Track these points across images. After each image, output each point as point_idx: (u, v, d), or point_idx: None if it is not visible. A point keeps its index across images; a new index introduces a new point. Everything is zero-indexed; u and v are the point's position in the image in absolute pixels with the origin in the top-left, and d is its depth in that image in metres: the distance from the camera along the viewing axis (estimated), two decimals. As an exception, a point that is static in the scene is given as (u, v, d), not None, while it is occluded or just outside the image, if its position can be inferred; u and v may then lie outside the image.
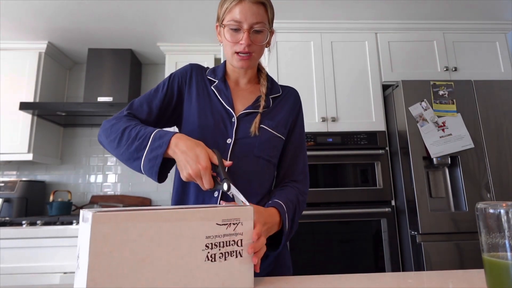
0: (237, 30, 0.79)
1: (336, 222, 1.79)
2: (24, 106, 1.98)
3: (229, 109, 0.84)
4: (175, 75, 0.90)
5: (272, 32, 0.89)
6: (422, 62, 2.08)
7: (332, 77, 2.01)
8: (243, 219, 0.55)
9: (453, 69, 2.05)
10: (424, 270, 1.59)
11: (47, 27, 2.08)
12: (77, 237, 1.64)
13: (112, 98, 2.24)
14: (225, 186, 0.63)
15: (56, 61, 2.42)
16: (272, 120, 0.86)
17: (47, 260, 1.61)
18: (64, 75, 2.55)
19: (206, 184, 0.64)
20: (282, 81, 1.98)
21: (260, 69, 0.95)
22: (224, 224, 0.53)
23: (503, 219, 0.41)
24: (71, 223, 1.73)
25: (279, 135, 0.87)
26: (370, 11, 2.02)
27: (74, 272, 1.61)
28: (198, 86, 0.88)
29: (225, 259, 0.52)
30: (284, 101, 0.92)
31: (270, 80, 0.94)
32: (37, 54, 2.22)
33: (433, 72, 2.06)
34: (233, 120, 0.83)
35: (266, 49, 0.91)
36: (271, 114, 0.87)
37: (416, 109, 1.79)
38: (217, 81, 0.89)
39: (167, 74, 2.26)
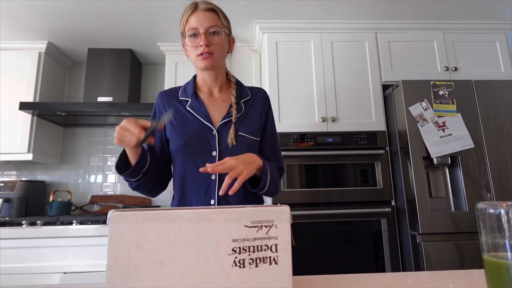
0: (195, 35, 0.90)
1: (336, 222, 1.79)
2: (24, 106, 1.98)
3: (208, 124, 0.92)
4: (152, 115, 1.01)
5: (233, 39, 1.00)
6: (422, 62, 2.08)
7: (332, 77, 2.01)
8: (278, 221, 0.48)
9: (453, 69, 2.05)
10: (424, 270, 1.59)
11: (47, 27, 2.08)
12: (77, 237, 1.64)
13: (112, 98, 2.24)
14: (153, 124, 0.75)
15: (56, 61, 2.41)
16: (247, 126, 0.94)
17: (47, 260, 1.61)
18: (64, 75, 2.55)
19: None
20: (282, 81, 1.98)
21: (229, 78, 1.03)
22: (254, 227, 0.47)
23: (503, 219, 0.41)
24: (71, 223, 1.73)
25: (256, 138, 0.96)
26: (370, 11, 2.02)
27: (73, 272, 1.61)
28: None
29: (256, 266, 0.46)
30: (255, 104, 1.00)
31: (239, 85, 1.02)
32: (37, 54, 2.22)
33: (433, 72, 2.06)
34: (213, 133, 0.92)
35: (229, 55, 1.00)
36: (246, 119, 0.96)
37: (416, 109, 1.79)
38: (189, 99, 0.97)
39: (167, 74, 2.26)
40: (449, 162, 1.72)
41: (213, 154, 0.90)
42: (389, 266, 1.75)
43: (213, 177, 0.89)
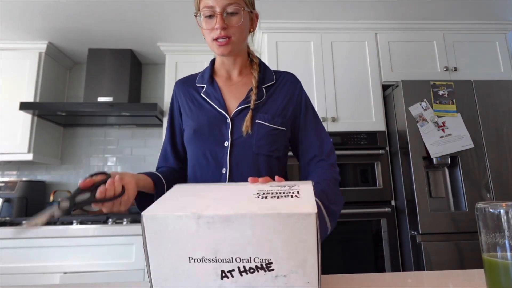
0: (211, 16, 0.77)
1: (336, 222, 1.78)
2: (24, 106, 1.98)
3: (222, 111, 0.82)
4: (170, 107, 0.93)
5: (256, 15, 0.86)
6: (422, 62, 2.08)
7: (332, 77, 2.01)
8: (301, 183, 0.52)
9: (453, 69, 2.05)
10: (424, 270, 1.59)
11: (47, 27, 2.08)
12: (77, 237, 1.65)
13: (112, 98, 2.24)
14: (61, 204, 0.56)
15: (56, 61, 2.41)
16: (267, 113, 0.82)
17: (47, 260, 1.61)
18: (64, 75, 2.55)
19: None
20: (282, 81, 1.98)
21: (252, 59, 0.91)
22: (279, 186, 0.51)
23: (503, 219, 0.41)
24: (71, 223, 1.73)
25: (278, 127, 0.82)
26: (370, 11, 2.02)
27: (73, 272, 1.61)
28: (187, 99, 0.88)
29: (278, 198, 0.47)
30: (279, 89, 0.87)
31: (263, 68, 0.89)
32: (37, 54, 2.22)
33: (433, 72, 2.06)
34: (227, 121, 0.81)
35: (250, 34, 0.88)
36: (266, 105, 0.84)
37: (416, 109, 1.79)
38: (205, 85, 0.87)
39: (167, 74, 2.26)
40: (449, 162, 1.72)
41: (225, 144, 0.80)
42: (389, 266, 1.75)
43: (223, 170, 0.80)
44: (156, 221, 0.42)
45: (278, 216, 0.40)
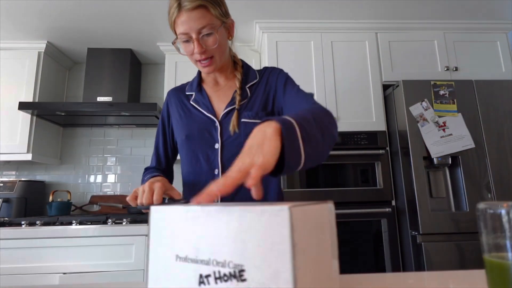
0: (188, 41, 0.80)
1: (337, 222, 1.78)
2: (23, 106, 1.98)
3: (210, 116, 0.87)
4: (161, 114, 0.99)
5: (231, 24, 0.86)
6: (422, 62, 2.08)
7: (332, 77, 2.01)
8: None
9: (454, 69, 2.05)
10: (424, 271, 1.58)
11: (46, 27, 2.07)
12: (76, 237, 1.64)
13: (111, 98, 2.24)
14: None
15: (56, 61, 2.41)
16: (252, 110, 0.85)
17: (46, 261, 1.61)
18: (64, 75, 2.54)
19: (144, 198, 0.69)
20: (282, 81, 1.98)
21: (236, 61, 0.94)
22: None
23: (504, 220, 0.40)
24: (70, 223, 1.72)
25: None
26: (370, 11, 2.02)
27: (73, 273, 1.60)
28: (177, 107, 0.94)
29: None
30: (261, 85, 0.90)
31: (246, 69, 0.93)
32: (37, 54, 2.22)
33: (434, 72, 2.05)
34: (216, 125, 0.86)
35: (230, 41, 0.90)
36: (250, 103, 0.87)
37: (416, 109, 1.78)
38: (193, 93, 0.92)
39: (167, 74, 2.26)
40: (450, 162, 1.72)
41: (215, 147, 0.84)
42: (389, 266, 1.74)
43: (216, 171, 0.83)
44: (159, 214, 0.44)
45: (252, 211, 0.38)
